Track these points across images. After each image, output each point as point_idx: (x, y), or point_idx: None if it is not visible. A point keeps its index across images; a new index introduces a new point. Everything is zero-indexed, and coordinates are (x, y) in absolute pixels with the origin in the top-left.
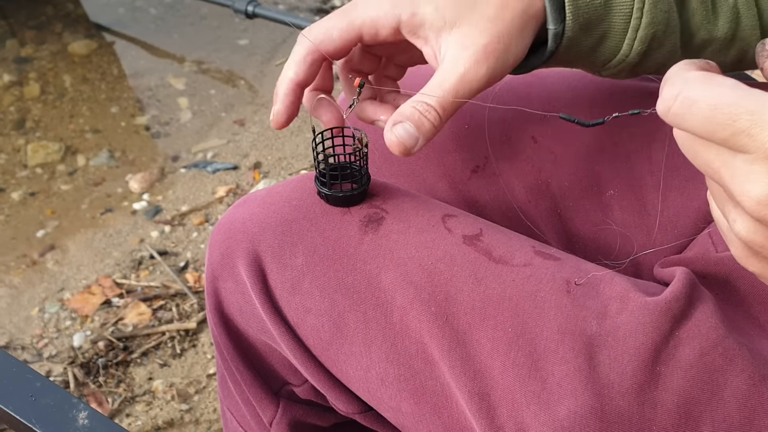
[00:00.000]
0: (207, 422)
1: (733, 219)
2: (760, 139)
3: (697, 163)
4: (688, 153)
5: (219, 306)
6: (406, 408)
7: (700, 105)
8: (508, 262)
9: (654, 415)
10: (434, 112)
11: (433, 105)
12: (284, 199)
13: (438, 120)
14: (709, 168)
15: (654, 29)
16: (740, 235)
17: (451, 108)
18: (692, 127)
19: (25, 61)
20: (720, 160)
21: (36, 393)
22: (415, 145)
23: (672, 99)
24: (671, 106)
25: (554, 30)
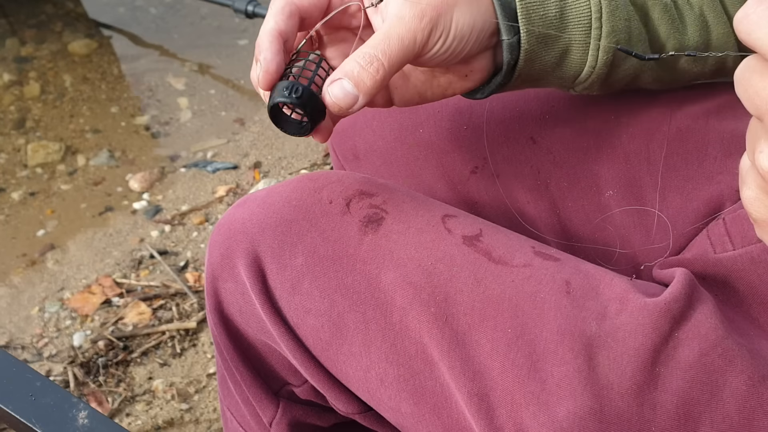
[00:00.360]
0: (207, 422)
1: (760, 150)
2: None
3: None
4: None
5: (219, 306)
6: (406, 408)
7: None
8: (508, 263)
9: (653, 415)
10: (377, 64)
11: (377, 55)
12: (284, 199)
13: (381, 73)
14: (758, 97)
15: (616, 37)
16: (761, 167)
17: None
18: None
19: (25, 61)
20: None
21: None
22: (353, 105)
23: (754, 6)
24: (751, 13)
25: (508, 41)
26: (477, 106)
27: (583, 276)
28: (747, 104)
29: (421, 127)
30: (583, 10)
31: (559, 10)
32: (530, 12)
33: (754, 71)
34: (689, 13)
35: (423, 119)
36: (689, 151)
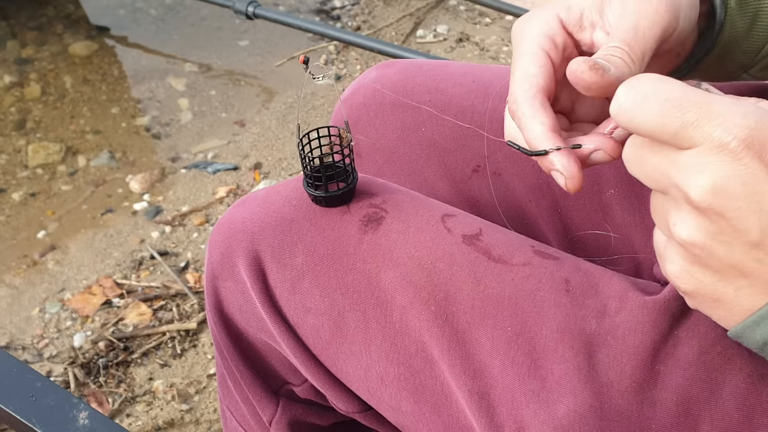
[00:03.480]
0: (207, 422)
1: (674, 223)
2: (707, 130)
3: (644, 172)
4: (635, 162)
5: (219, 305)
6: (406, 407)
7: (652, 98)
8: (508, 262)
9: (653, 413)
10: (619, 51)
11: (619, 45)
12: (284, 198)
13: (627, 57)
14: (656, 172)
15: None
16: (680, 238)
17: (639, 51)
18: (642, 122)
19: (25, 62)
20: (668, 160)
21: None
22: (608, 69)
23: (626, 94)
24: (625, 101)
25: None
26: (479, 105)
27: (583, 274)
28: (646, 181)
29: (424, 126)
30: None
31: None
32: None
33: (643, 148)
34: None
35: (425, 118)
36: None
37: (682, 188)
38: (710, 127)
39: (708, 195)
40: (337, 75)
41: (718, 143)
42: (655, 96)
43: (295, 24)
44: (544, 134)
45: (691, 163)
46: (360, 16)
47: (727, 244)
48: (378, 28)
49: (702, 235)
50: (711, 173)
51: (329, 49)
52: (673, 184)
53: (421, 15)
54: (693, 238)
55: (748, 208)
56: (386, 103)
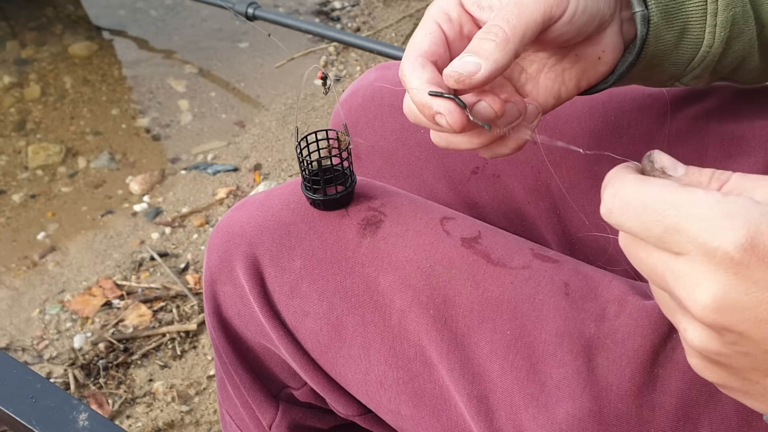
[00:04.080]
0: (207, 423)
1: (684, 328)
2: (691, 235)
3: (642, 270)
4: (633, 260)
5: (217, 309)
6: (405, 410)
7: (633, 204)
8: (507, 265)
9: (652, 417)
10: (495, 29)
11: (496, 23)
12: (282, 202)
13: (502, 35)
14: (654, 274)
15: (732, 11)
16: (693, 345)
17: (521, 23)
18: (630, 228)
19: (25, 63)
20: (663, 264)
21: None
22: (475, 71)
23: (611, 200)
24: (612, 207)
25: (641, 12)
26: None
27: (582, 278)
28: (645, 276)
29: (423, 128)
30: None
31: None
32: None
33: (637, 247)
34: None
35: None
36: (689, 152)
37: (682, 301)
38: (694, 231)
39: (710, 312)
40: (336, 76)
41: (705, 250)
42: (634, 200)
43: (294, 25)
44: (425, 83)
45: (686, 272)
46: (360, 18)
47: (745, 354)
48: (378, 29)
49: (715, 345)
50: (708, 287)
51: (329, 50)
52: (670, 291)
53: (421, 16)
54: (706, 347)
55: (757, 318)
56: (385, 105)
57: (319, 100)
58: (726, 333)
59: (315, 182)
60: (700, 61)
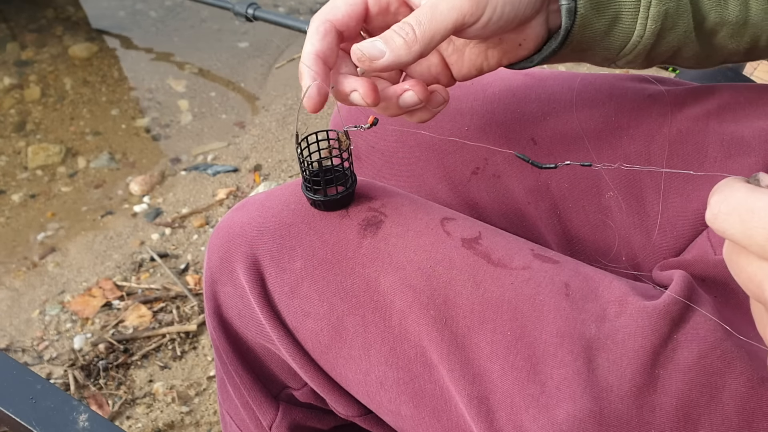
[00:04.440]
0: (207, 424)
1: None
2: None
3: (741, 280)
4: (734, 268)
5: (218, 310)
6: (406, 411)
7: (739, 210)
8: (507, 266)
9: (653, 418)
10: (407, 28)
11: (410, 22)
12: (283, 202)
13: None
14: (752, 283)
15: (666, 6)
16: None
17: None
18: (733, 234)
19: (25, 64)
20: (762, 273)
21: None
22: (378, 57)
23: (717, 205)
24: (717, 212)
25: (567, 5)
26: (478, 107)
27: (582, 278)
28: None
29: (423, 128)
30: None
31: None
32: None
33: (739, 255)
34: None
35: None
36: (689, 153)
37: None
38: None
39: None
40: None
41: None
42: (742, 207)
43: (294, 26)
44: (309, 54)
45: None
46: None
47: None
48: None
49: None
50: None
51: None
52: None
53: None
54: None
55: None
56: None
57: None
58: None
59: (315, 183)
60: (631, 49)
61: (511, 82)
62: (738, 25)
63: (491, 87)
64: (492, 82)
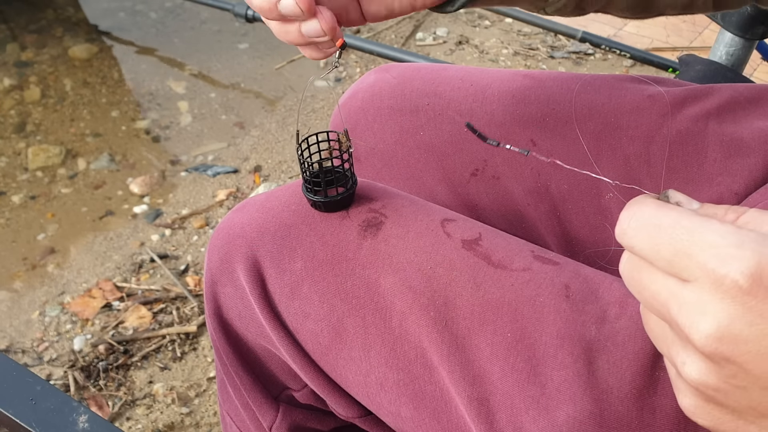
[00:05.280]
0: (207, 425)
1: (682, 361)
2: (701, 260)
3: (643, 297)
4: (635, 286)
5: (218, 311)
6: (406, 413)
7: (647, 225)
8: (507, 267)
9: (653, 419)
10: None
11: None
12: (283, 203)
13: None
14: (656, 301)
15: None
16: (690, 378)
17: None
18: (641, 250)
19: (25, 65)
20: (667, 291)
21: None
22: None
23: (626, 221)
24: (626, 227)
25: None
26: (477, 108)
27: (583, 280)
28: (645, 305)
29: (422, 130)
30: None
31: None
32: None
33: (641, 272)
34: None
35: (423, 122)
36: (689, 154)
37: (684, 330)
38: (704, 258)
39: (713, 341)
40: (336, 78)
41: (714, 278)
42: (650, 222)
43: None
44: None
45: (693, 300)
46: None
47: (743, 389)
48: (377, 30)
49: (713, 378)
50: (714, 315)
51: None
52: (672, 320)
53: (421, 18)
54: (704, 380)
55: (759, 352)
56: (384, 107)
57: (319, 102)
58: (726, 365)
59: (316, 184)
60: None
61: (511, 84)
62: None
63: (490, 88)
64: (491, 84)
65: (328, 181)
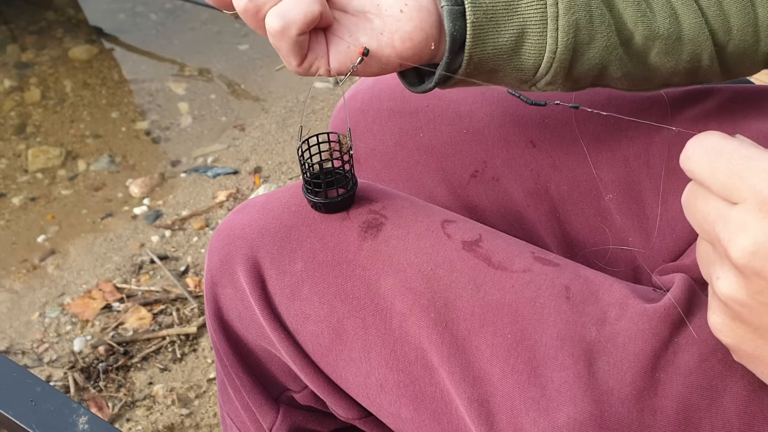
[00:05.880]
0: (207, 427)
1: (717, 276)
2: (752, 182)
3: (695, 219)
4: (690, 210)
5: (218, 312)
6: (406, 414)
7: (709, 150)
8: (508, 268)
9: (653, 421)
10: None
11: None
12: (283, 205)
13: None
14: (705, 222)
15: (575, 15)
16: (722, 292)
17: None
18: (700, 173)
19: (25, 66)
20: (716, 212)
21: (36, 398)
22: None
23: (691, 146)
24: (690, 152)
25: (448, 7)
26: (477, 110)
27: (583, 281)
28: (697, 229)
29: (422, 132)
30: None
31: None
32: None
33: (698, 197)
34: (656, 0)
35: (423, 123)
36: None
37: (724, 244)
38: (755, 180)
39: (747, 255)
40: (336, 79)
41: (761, 198)
42: (712, 148)
43: None
44: None
45: (737, 219)
46: None
47: (766, 306)
48: None
49: (742, 293)
50: (753, 232)
51: None
52: (716, 238)
53: None
54: (733, 294)
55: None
56: (384, 109)
57: (320, 103)
58: (755, 280)
59: (316, 185)
60: (547, 67)
61: None
62: (671, 39)
63: (490, 89)
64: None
65: (328, 182)
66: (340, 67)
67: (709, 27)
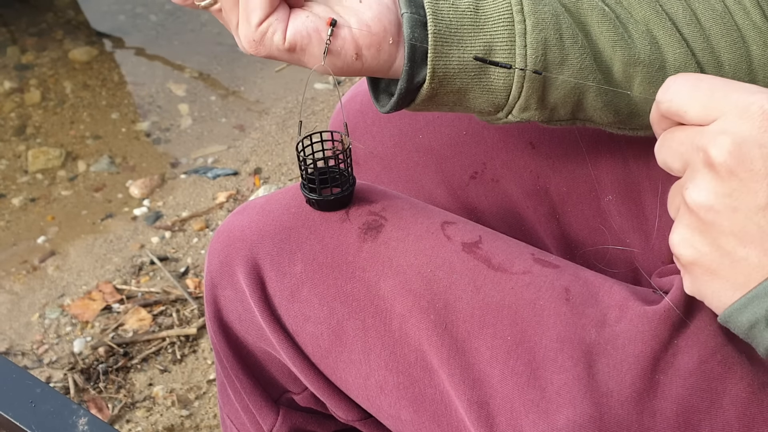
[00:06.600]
0: (207, 428)
1: (687, 188)
2: (732, 97)
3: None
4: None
5: (218, 314)
6: (406, 416)
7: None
8: (507, 270)
9: (653, 423)
10: None
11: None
12: (283, 206)
13: None
14: (682, 145)
15: (543, 33)
16: (692, 199)
17: None
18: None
19: (25, 68)
20: (694, 131)
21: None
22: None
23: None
24: (671, 82)
25: (409, 15)
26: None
27: (583, 283)
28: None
29: (421, 133)
30: (500, 4)
31: (472, 2)
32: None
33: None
34: (634, 26)
35: (422, 125)
36: None
37: (704, 148)
38: (735, 95)
39: (726, 153)
40: (336, 80)
41: (742, 107)
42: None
43: None
44: None
45: (716, 128)
46: None
47: (733, 209)
48: None
49: (711, 196)
50: (732, 134)
51: None
52: (695, 148)
53: None
54: (702, 199)
55: (761, 171)
56: None
57: (319, 104)
58: (728, 179)
59: (313, 182)
60: (519, 88)
61: None
62: (654, 67)
63: None
64: None
65: (325, 180)
66: (294, 36)
67: (697, 60)
